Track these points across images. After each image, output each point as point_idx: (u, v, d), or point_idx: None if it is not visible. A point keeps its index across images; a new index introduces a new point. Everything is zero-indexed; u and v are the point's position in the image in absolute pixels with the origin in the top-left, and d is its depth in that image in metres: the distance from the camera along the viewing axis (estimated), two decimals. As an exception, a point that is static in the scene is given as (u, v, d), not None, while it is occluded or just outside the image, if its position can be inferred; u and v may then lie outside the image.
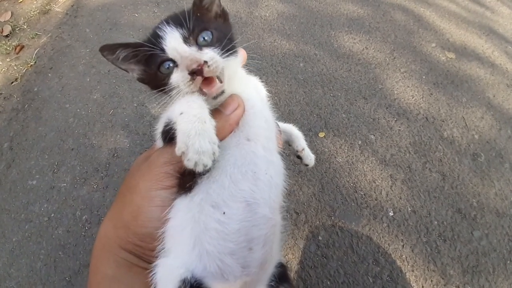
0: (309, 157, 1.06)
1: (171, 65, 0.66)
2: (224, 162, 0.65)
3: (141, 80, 0.76)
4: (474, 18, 3.34)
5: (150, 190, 0.65)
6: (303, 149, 1.03)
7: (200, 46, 0.66)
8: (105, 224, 0.73)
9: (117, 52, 0.68)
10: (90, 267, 0.72)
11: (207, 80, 0.64)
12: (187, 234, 0.64)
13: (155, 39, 0.67)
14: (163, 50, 0.66)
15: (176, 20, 0.68)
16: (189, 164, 0.57)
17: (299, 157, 1.05)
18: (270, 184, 0.67)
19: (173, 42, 0.66)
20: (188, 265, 0.63)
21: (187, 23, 0.67)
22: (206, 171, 0.62)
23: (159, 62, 0.67)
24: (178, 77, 0.65)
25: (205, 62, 0.62)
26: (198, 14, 0.71)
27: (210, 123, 0.61)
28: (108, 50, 0.68)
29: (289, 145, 1.05)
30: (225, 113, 0.68)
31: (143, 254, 0.68)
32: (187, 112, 0.61)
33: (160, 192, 0.65)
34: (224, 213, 0.63)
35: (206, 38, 0.68)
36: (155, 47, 0.66)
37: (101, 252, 0.71)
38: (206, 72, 0.63)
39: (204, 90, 0.65)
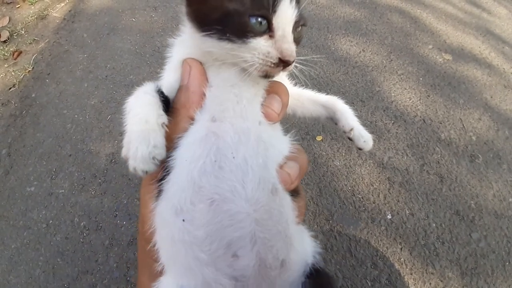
0: (363, 138, 0.78)
1: (264, 25, 0.55)
2: (180, 157, 0.56)
3: None
4: (471, 19, 3.35)
5: (145, 196, 0.64)
6: (351, 129, 0.78)
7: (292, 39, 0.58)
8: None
9: None
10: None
11: None
12: (165, 248, 0.59)
13: None
14: (266, 4, 0.54)
15: None
16: (130, 169, 0.53)
17: (350, 139, 0.81)
18: (242, 169, 0.55)
19: (287, 17, 0.56)
20: (177, 280, 0.58)
21: (299, 6, 0.59)
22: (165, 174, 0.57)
23: (258, 12, 0.54)
24: (265, 47, 0.55)
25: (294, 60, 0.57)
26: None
27: (155, 122, 0.54)
28: None
29: (336, 124, 0.81)
30: (184, 83, 0.62)
31: None
32: (131, 111, 0.56)
33: (150, 196, 0.62)
34: (183, 220, 0.54)
35: (299, 33, 0.61)
36: None
37: (140, 264, 0.73)
38: (287, 69, 0.59)
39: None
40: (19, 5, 3.34)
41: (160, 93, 0.60)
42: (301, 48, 2.76)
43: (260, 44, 0.55)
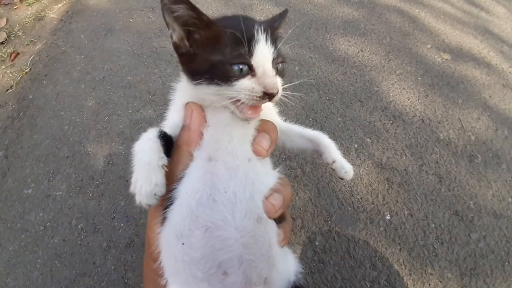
0: (343, 169, 0.87)
1: (246, 70, 0.64)
2: (182, 191, 0.66)
3: (178, 48, 0.70)
4: (469, 19, 3.34)
5: (152, 221, 0.71)
6: (333, 161, 0.87)
7: (275, 73, 0.68)
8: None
9: (179, 5, 0.63)
10: None
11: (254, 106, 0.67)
12: (168, 266, 0.68)
13: (241, 32, 0.62)
14: (243, 52, 0.63)
15: (270, 33, 0.67)
16: (136, 202, 0.61)
17: (333, 169, 0.90)
18: (232, 202, 0.64)
19: (265, 56, 0.66)
20: None
21: (276, 45, 0.69)
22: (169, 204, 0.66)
23: (237, 60, 0.63)
24: (249, 85, 0.64)
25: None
26: (277, 38, 0.72)
27: (156, 164, 0.63)
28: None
29: (320, 155, 0.92)
30: (186, 123, 0.71)
31: None
32: (137, 154, 0.65)
33: (156, 222, 0.70)
34: (183, 243, 0.64)
35: (280, 68, 0.71)
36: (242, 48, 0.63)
37: (145, 279, 0.81)
38: (274, 100, 0.67)
39: (249, 113, 0.67)
40: (16, 6, 3.33)
41: (162, 136, 0.69)
42: (299, 47, 2.77)
43: (245, 84, 0.64)
